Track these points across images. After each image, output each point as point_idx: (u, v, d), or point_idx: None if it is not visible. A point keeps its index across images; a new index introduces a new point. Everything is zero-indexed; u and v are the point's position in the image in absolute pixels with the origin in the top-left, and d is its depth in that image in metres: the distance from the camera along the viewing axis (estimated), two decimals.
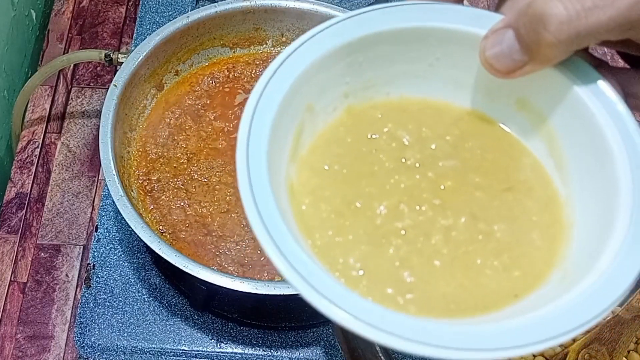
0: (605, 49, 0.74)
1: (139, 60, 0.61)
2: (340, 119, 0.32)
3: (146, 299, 0.61)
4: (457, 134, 0.32)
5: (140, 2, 0.79)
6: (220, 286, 0.51)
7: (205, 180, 0.61)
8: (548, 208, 0.30)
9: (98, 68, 0.80)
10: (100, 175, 0.72)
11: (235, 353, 0.59)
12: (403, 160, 0.31)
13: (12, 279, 0.66)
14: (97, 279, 0.61)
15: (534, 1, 0.26)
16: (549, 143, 0.31)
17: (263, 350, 0.59)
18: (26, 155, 0.73)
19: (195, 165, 0.62)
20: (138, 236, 0.52)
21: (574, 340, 0.76)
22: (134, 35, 0.76)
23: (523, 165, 0.32)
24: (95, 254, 0.62)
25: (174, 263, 0.51)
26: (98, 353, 0.58)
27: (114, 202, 0.54)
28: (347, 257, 0.28)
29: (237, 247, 0.58)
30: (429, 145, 0.31)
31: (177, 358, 0.59)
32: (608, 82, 0.28)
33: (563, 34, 0.25)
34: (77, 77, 0.79)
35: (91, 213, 0.70)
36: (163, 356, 0.59)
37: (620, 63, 0.32)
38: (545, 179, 0.31)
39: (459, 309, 0.28)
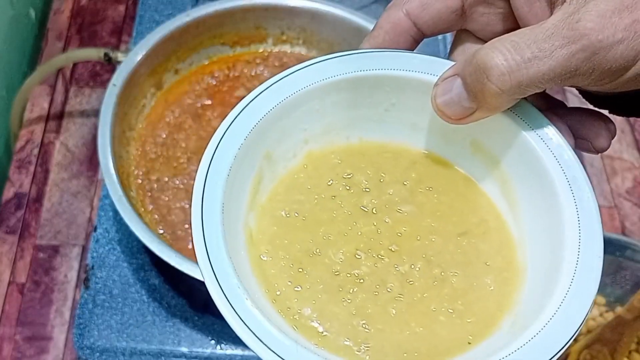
0: None
1: (138, 59, 0.61)
2: (300, 165, 0.33)
3: (145, 299, 0.60)
4: (415, 178, 0.33)
5: (140, 0, 0.78)
6: None
7: None
8: (502, 251, 0.31)
9: (97, 67, 0.79)
10: (99, 175, 0.71)
11: (235, 354, 0.59)
12: (361, 206, 0.32)
13: (10, 280, 0.65)
14: (96, 279, 0.61)
15: (478, 52, 0.27)
16: (502, 185, 0.32)
17: None
18: (25, 154, 0.73)
19: (195, 165, 0.61)
20: (137, 236, 0.52)
21: (576, 340, 0.76)
22: (134, 33, 0.76)
23: (478, 208, 0.32)
24: (94, 254, 0.62)
25: (173, 264, 0.51)
26: (97, 354, 0.58)
27: (113, 202, 0.53)
28: (305, 307, 0.29)
29: None
30: (387, 191, 0.32)
31: (177, 359, 0.59)
32: (558, 126, 0.29)
33: (505, 84, 0.26)
34: (76, 76, 0.79)
35: (90, 213, 0.69)
36: (162, 357, 0.58)
37: None
38: (499, 221, 0.32)
39: (412, 358, 0.28)
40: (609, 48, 0.24)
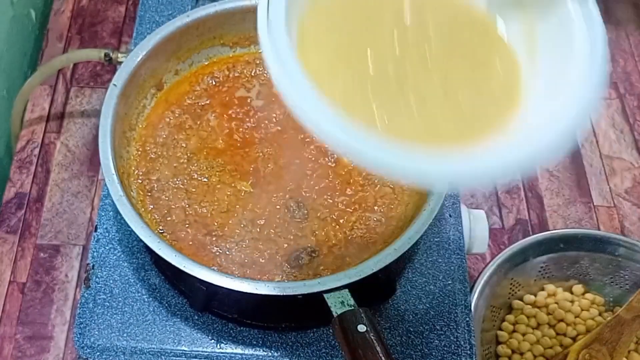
0: None
1: (138, 59, 0.61)
2: None
3: (146, 299, 0.60)
4: (451, 25, 0.38)
5: (140, 1, 0.78)
6: (220, 286, 0.51)
7: (205, 180, 0.61)
8: (508, 71, 0.37)
9: (97, 67, 0.79)
10: (99, 175, 0.72)
11: (235, 353, 0.59)
12: (401, 28, 0.37)
13: (11, 279, 0.66)
14: (97, 279, 0.61)
15: None
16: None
17: (263, 350, 0.59)
18: (25, 154, 0.73)
19: (195, 165, 0.61)
20: (137, 236, 0.52)
21: (575, 340, 0.76)
22: (134, 34, 0.76)
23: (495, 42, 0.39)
24: (94, 254, 0.62)
25: (173, 263, 0.51)
26: (97, 353, 0.58)
27: (113, 202, 0.54)
28: (336, 85, 0.35)
29: (237, 247, 0.57)
30: (427, 27, 0.38)
31: (177, 358, 0.59)
32: None
33: None
34: (77, 76, 0.79)
35: (90, 213, 0.69)
36: (163, 357, 0.58)
37: None
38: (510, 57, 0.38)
39: (443, 135, 0.34)
40: None
